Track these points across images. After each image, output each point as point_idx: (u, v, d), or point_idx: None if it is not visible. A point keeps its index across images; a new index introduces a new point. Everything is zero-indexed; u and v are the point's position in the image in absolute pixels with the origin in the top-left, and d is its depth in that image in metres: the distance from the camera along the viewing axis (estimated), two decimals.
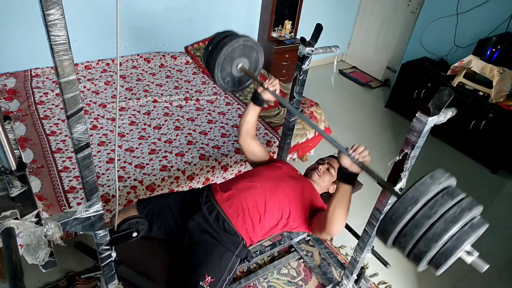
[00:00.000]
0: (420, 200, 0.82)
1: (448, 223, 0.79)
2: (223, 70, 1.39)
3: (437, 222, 0.80)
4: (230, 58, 1.38)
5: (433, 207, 0.82)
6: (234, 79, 1.46)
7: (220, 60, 1.34)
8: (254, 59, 1.48)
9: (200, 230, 1.45)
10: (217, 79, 1.38)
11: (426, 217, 0.81)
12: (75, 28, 2.81)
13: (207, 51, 1.41)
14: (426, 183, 0.84)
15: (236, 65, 1.43)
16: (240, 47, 1.39)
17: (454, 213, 0.80)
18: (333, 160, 1.79)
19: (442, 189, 0.85)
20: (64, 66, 0.67)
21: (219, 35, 1.42)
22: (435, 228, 0.80)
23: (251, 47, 1.44)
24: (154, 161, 2.10)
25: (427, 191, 0.83)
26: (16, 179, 0.74)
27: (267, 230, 1.52)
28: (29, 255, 0.82)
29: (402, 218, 0.83)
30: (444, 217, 0.81)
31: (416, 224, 0.82)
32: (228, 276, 1.41)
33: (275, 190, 1.52)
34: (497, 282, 2.21)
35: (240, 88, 1.52)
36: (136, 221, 1.05)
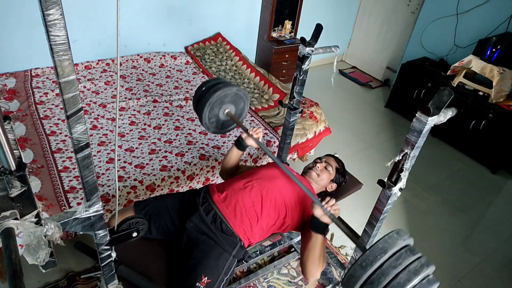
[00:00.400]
0: (388, 250, 0.90)
1: (411, 275, 0.87)
2: (212, 111, 1.49)
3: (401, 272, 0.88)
4: (221, 101, 1.49)
5: (399, 259, 0.89)
6: (219, 121, 1.57)
7: (212, 100, 1.44)
8: (240, 107, 1.60)
9: (197, 231, 1.45)
10: (204, 117, 1.48)
11: (392, 267, 0.89)
12: (75, 28, 2.81)
13: (200, 90, 1.50)
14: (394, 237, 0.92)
15: (224, 110, 1.53)
16: (232, 95, 1.50)
17: (416, 266, 0.89)
18: (331, 158, 1.81)
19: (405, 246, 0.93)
20: (64, 66, 0.67)
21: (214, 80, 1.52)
22: (400, 278, 0.87)
23: (241, 97, 1.55)
24: (154, 161, 2.10)
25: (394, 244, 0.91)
26: (15, 179, 0.74)
27: (265, 230, 1.53)
28: (29, 255, 0.81)
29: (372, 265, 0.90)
30: (407, 268, 0.89)
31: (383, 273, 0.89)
32: (225, 276, 1.41)
33: (272, 189, 1.52)
34: (496, 282, 2.21)
35: (222, 131, 1.63)
36: (136, 221, 1.05)
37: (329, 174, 1.74)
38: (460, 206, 2.75)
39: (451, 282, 2.17)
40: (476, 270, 2.26)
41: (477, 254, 2.37)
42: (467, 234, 2.54)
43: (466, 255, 2.36)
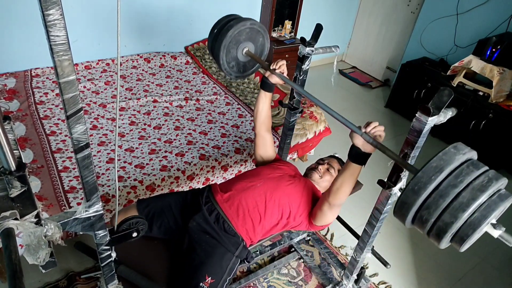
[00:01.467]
0: (445, 168, 0.77)
1: (476, 192, 0.74)
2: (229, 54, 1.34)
3: (463, 191, 0.75)
4: (236, 41, 1.34)
5: (459, 176, 0.76)
6: (239, 64, 1.42)
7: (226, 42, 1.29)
8: (260, 44, 1.44)
9: (200, 230, 1.45)
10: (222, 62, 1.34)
11: (452, 186, 0.75)
12: (75, 28, 2.81)
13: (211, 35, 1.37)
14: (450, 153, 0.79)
15: (242, 49, 1.38)
16: (247, 31, 1.35)
17: (481, 182, 0.75)
18: (333, 160, 1.79)
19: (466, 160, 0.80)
20: (64, 66, 0.67)
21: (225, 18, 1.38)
22: (462, 197, 0.74)
23: (258, 31, 1.40)
24: (154, 161, 2.10)
25: (451, 160, 0.78)
26: (15, 179, 0.74)
27: (267, 230, 1.52)
28: (29, 256, 0.81)
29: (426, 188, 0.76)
30: (471, 185, 0.75)
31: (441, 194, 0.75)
32: (228, 277, 1.41)
33: (275, 190, 1.52)
34: (497, 282, 2.21)
35: (244, 74, 1.47)
36: (136, 221, 1.05)
37: (331, 176, 1.72)
38: None
39: (451, 281, 2.17)
40: (476, 269, 2.27)
41: (477, 253, 2.37)
42: None
43: (466, 254, 2.36)
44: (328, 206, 1.42)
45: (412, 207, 0.79)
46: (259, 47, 1.45)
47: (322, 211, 1.47)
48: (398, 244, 2.36)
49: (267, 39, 1.44)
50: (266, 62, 1.47)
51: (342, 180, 1.34)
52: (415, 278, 2.17)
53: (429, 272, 2.21)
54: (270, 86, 1.61)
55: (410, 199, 0.78)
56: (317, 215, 1.50)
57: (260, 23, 1.38)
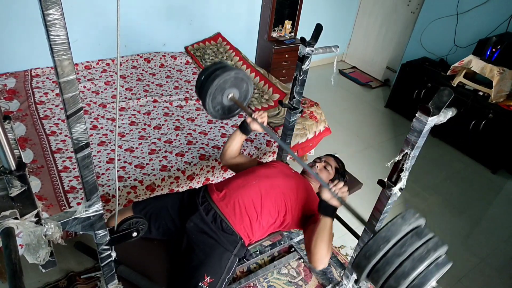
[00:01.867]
0: (391, 239, 0.88)
1: (416, 262, 0.86)
2: (214, 99, 1.46)
3: (406, 260, 0.87)
4: (222, 88, 1.46)
5: (403, 246, 0.88)
6: (224, 107, 1.54)
7: (212, 90, 1.41)
8: (244, 89, 1.56)
9: (198, 230, 1.45)
10: (208, 107, 1.46)
11: (396, 255, 0.87)
12: (75, 28, 2.81)
13: (199, 81, 1.48)
14: (397, 224, 0.90)
15: (227, 95, 1.50)
16: (232, 79, 1.47)
17: (421, 253, 0.87)
18: (330, 158, 1.81)
19: (412, 229, 0.91)
20: (64, 66, 0.67)
21: (212, 66, 1.49)
22: (404, 266, 0.86)
23: (242, 79, 1.51)
24: (154, 161, 2.10)
25: (398, 231, 0.89)
26: (15, 179, 0.74)
27: (265, 228, 1.52)
28: (29, 255, 0.82)
29: (375, 255, 0.89)
30: (412, 256, 0.87)
31: (388, 262, 0.88)
32: (228, 276, 1.41)
33: (271, 187, 1.52)
34: (496, 282, 2.21)
35: (229, 116, 1.60)
36: (136, 221, 1.05)
37: (328, 173, 1.74)
38: (460, 206, 2.75)
39: (451, 282, 2.17)
40: (476, 270, 2.26)
41: (477, 254, 2.37)
42: (467, 234, 2.54)
43: (466, 255, 2.36)
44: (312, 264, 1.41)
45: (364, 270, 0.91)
46: (243, 93, 1.57)
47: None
48: None
49: (251, 85, 1.57)
50: (249, 110, 1.59)
51: (315, 238, 1.36)
52: None
53: None
54: (248, 130, 1.68)
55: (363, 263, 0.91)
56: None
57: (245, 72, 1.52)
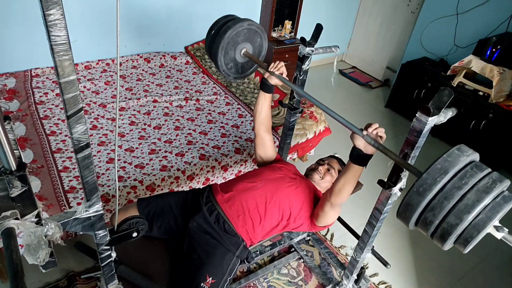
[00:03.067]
0: (450, 170, 0.76)
1: (481, 194, 0.74)
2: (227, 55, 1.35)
3: (468, 193, 0.75)
4: (234, 42, 1.34)
5: (464, 178, 0.76)
6: (238, 65, 1.42)
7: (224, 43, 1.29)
8: (258, 44, 1.44)
9: (200, 230, 1.45)
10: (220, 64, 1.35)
11: (457, 188, 0.75)
12: (75, 28, 2.80)
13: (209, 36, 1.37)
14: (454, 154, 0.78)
15: (240, 50, 1.39)
16: (244, 31, 1.35)
17: (486, 184, 0.75)
18: (333, 160, 1.79)
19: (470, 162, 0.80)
20: (64, 66, 0.67)
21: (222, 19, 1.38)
22: (467, 199, 0.74)
23: (255, 32, 1.40)
24: (154, 161, 2.10)
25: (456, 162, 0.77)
26: (16, 179, 0.74)
27: (267, 231, 1.52)
28: (29, 255, 0.82)
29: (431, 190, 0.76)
30: (476, 187, 0.75)
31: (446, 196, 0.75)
32: (229, 277, 1.41)
33: (276, 191, 1.52)
34: (497, 281, 2.21)
35: (243, 75, 1.47)
36: (136, 221, 1.05)
37: (331, 176, 1.72)
38: None
39: (451, 281, 2.17)
40: (476, 269, 2.26)
41: (478, 253, 2.37)
42: None
43: (466, 254, 2.35)
44: (330, 206, 1.43)
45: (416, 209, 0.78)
46: (257, 48, 1.45)
47: (324, 211, 1.47)
48: (398, 244, 2.36)
49: (265, 40, 1.44)
50: (264, 63, 1.47)
51: (344, 181, 1.34)
52: (415, 278, 2.17)
53: (429, 272, 2.21)
54: (269, 87, 1.60)
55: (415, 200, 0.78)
56: (319, 215, 1.50)
57: (258, 23, 1.39)
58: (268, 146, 1.77)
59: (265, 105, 1.65)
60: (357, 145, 1.23)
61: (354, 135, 1.22)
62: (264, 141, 1.74)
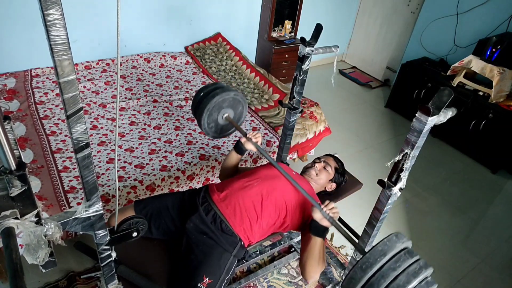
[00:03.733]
0: (388, 253, 0.91)
1: (410, 277, 0.88)
2: (210, 116, 1.51)
3: (400, 275, 0.89)
4: (219, 107, 1.51)
5: (398, 261, 0.91)
6: (218, 126, 1.60)
7: (210, 106, 1.46)
8: (239, 111, 1.62)
9: (197, 231, 1.45)
10: (203, 122, 1.51)
11: (391, 269, 0.90)
12: (75, 28, 2.81)
13: (198, 96, 1.52)
14: (392, 240, 0.93)
15: (223, 115, 1.56)
16: (230, 99, 1.52)
17: (415, 269, 0.90)
18: (330, 158, 1.81)
19: (404, 248, 0.95)
20: (64, 66, 0.67)
21: (212, 85, 1.54)
22: (399, 280, 0.88)
23: (239, 101, 1.57)
24: (154, 161, 2.10)
25: (393, 246, 0.92)
26: (15, 178, 0.74)
27: (265, 230, 1.52)
28: (29, 255, 0.81)
29: (372, 268, 0.90)
30: (406, 271, 0.90)
31: (383, 275, 0.90)
32: (226, 276, 1.41)
33: (272, 189, 1.52)
34: (497, 282, 2.21)
35: (221, 135, 1.66)
36: (136, 221, 1.05)
37: (328, 173, 1.73)
38: (460, 206, 2.75)
39: (451, 282, 2.17)
40: (476, 270, 2.26)
41: (477, 254, 2.37)
42: (467, 234, 2.54)
43: (466, 255, 2.36)
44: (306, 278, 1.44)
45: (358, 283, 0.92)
46: (238, 114, 1.64)
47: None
48: None
49: (245, 109, 1.63)
50: (243, 130, 1.63)
51: (306, 256, 1.39)
52: None
53: None
54: (243, 150, 1.70)
55: (358, 275, 0.92)
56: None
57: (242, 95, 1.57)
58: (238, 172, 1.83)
59: (234, 163, 1.77)
60: (315, 218, 1.33)
61: (314, 208, 1.33)
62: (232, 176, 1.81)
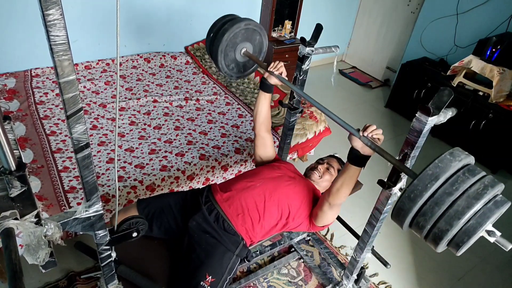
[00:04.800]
0: (441, 176, 0.77)
1: (471, 200, 0.75)
2: (227, 57, 1.37)
3: (459, 199, 0.76)
4: (233, 44, 1.36)
5: (455, 184, 0.76)
6: (239, 65, 1.44)
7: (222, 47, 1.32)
8: (257, 42, 1.45)
9: (200, 230, 1.45)
10: (221, 66, 1.37)
11: (447, 194, 0.76)
12: (75, 28, 2.81)
13: (208, 39, 1.39)
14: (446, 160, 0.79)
15: (240, 50, 1.40)
16: (242, 32, 1.37)
17: (477, 190, 0.76)
18: (333, 160, 1.80)
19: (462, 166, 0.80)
20: (64, 66, 0.67)
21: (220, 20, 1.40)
22: (457, 205, 0.75)
23: (254, 30, 1.41)
24: (154, 161, 2.10)
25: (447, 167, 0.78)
26: (15, 179, 0.74)
27: (267, 230, 1.53)
28: (29, 256, 0.81)
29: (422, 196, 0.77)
30: (466, 193, 0.76)
31: (437, 202, 0.76)
32: (229, 276, 1.42)
33: (275, 190, 1.52)
34: (497, 282, 2.21)
35: (245, 73, 1.49)
36: (136, 221, 1.05)
37: (331, 175, 1.72)
38: None
39: (451, 281, 2.17)
40: (477, 269, 2.26)
41: (477, 253, 2.36)
42: None
43: (466, 254, 2.33)
44: (329, 206, 1.43)
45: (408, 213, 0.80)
46: (257, 46, 1.46)
47: (322, 211, 1.47)
48: (398, 244, 2.36)
49: (264, 37, 1.45)
50: (264, 63, 1.48)
51: (342, 182, 1.35)
52: (415, 278, 2.17)
53: (429, 272, 2.21)
54: (269, 87, 1.61)
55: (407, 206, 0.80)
56: (318, 215, 1.50)
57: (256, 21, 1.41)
58: (269, 146, 1.77)
59: (265, 105, 1.66)
60: (355, 146, 1.24)
61: (352, 136, 1.23)
62: (265, 141, 1.75)
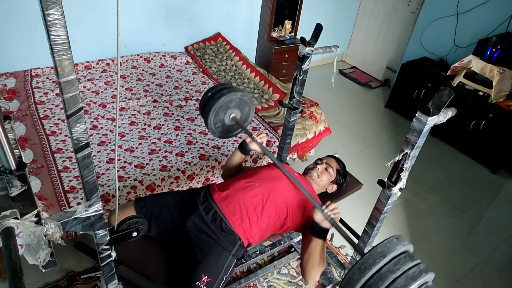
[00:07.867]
0: (387, 255, 0.89)
1: (409, 280, 0.87)
2: (217, 116, 1.52)
3: (399, 278, 0.88)
4: (226, 107, 1.52)
5: (397, 264, 0.89)
6: (224, 126, 1.60)
7: (216, 106, 1.47)
8: (246, 112, 1.63)
9: (197, 230, 1.45)
10: (210, 122, 1.52)
11: (390, 272, 0.88)
12: (75, 28, 2.81)
13: (205, 96, 1.53)
14: (393, 242, 0.92)
15: (229, 115, 1.56)
16: (237, 100, 1.53)
17: (414, 272, 0.88)
18: (332, 159, 1.80)
19: (405, 251, 0.93)
20: (64, 66, 0.67)
21: (219, 85, 1.55)
22: (397, 283, 0.87)
23: (246, 102, 1.58)
24: (154, 161, 2.10)
25: (393, 249, 0.91)
26: (15, 178, 0.74)
27: (264, 230, 1.52)
28: (29, 255, 0.81)
29: (370, 269, 0.89)
30: (405, 274, 0.88)
31: (381, 277, 0.88)
32: (225, 275, 1.42)
33: (273, 190, 1.52)
34: (496, 283, 2.21)
35: (227, 135, 1.66)
36: (136, 221, 1.05)
37: (329, 175, 1.73)
38: (460, 206, 2.75)
39: (451, 282, 2.17)
40: (476, 270, 2.26)
41: (477, 254, 2.37)
42: (467, 234, 2.54)
43: (466, 255, 2.36)
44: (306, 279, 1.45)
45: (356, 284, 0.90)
46: (245, 115, 1.64)
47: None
48: None
49: (252, 110, 1.64)
50: (249, 131, 1.64)
51: (307, 257, 1.39)
52: None
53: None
54: (247, 150, 1.72)
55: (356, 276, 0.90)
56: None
57: (249, 96, 1.58)
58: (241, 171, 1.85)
59: (238, 162, 1.78)
60: (316, 219, 1.33)
61: (315, 209, 1.32)
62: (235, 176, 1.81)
